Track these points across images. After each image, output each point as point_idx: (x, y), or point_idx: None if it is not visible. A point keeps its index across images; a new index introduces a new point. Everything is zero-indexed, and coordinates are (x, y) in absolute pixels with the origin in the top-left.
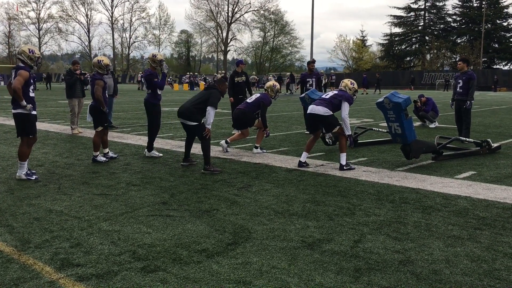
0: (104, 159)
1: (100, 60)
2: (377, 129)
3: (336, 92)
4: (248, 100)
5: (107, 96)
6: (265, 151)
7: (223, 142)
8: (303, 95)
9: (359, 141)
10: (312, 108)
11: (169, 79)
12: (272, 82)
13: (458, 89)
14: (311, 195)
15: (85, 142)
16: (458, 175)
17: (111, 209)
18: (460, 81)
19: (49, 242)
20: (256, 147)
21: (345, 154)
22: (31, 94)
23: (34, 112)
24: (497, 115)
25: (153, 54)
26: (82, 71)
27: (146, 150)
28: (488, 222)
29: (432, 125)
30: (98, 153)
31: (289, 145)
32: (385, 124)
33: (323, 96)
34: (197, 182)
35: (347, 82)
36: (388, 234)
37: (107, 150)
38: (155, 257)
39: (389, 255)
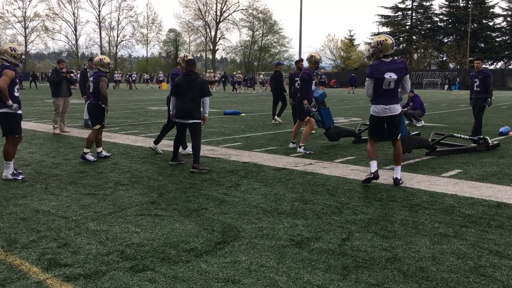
0: (93, 158)
1: (102, 59)
2: None
3: None
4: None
5: None
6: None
7: (300, 149)
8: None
9: (362, 138)
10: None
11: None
12: (309, 54)
13: (475, 88)
14: (300, 194)
15: (72, 142)
16: (445, 173)
17: (99, 208)
18: (476, 80)
19: (36, 242)
20: (300, 147)
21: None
22: (16, 94)
23: (19, 112)
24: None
25: (185, 54)
26: (69, 69)
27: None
28: (474, 219)
29: (419, 124)
30: (89, 150)
31: (277, 144)
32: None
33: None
34: (186, 181)
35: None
36: (375, 232)
37: (100, 149)
38: (143, 256)
39: (377, 252)
